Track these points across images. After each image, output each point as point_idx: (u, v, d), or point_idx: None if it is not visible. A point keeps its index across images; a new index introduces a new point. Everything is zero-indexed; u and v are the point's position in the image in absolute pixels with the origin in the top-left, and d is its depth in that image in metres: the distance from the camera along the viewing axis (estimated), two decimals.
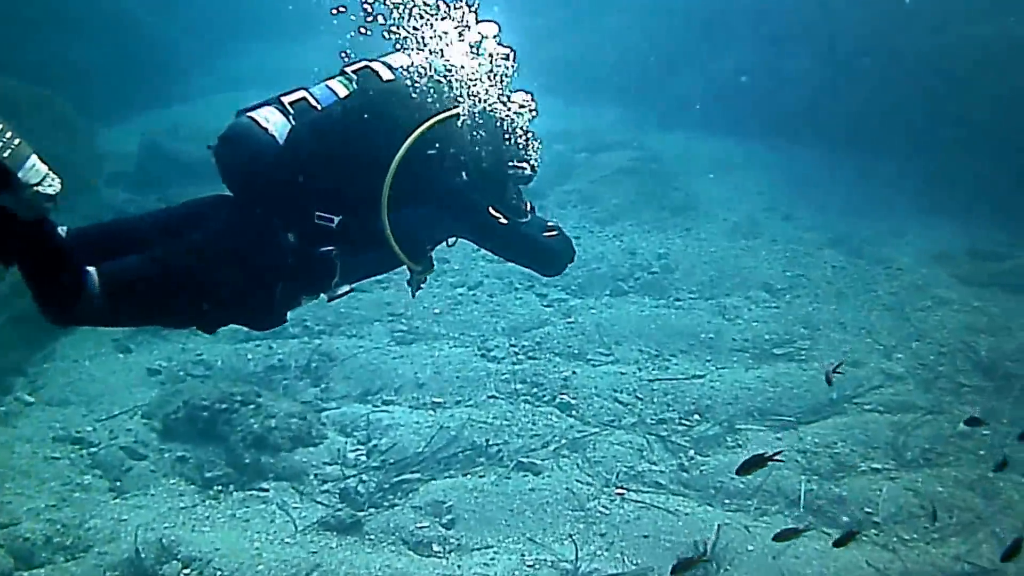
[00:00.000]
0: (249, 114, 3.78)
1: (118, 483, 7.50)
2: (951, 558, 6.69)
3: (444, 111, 3.87)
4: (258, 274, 3.70)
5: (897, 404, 8.72)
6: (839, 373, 4.99)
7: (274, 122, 3.74)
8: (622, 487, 7.45)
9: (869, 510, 7.20)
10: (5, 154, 2.86)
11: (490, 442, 7.93)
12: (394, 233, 3.78)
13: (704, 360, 9.60)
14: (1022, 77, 14.69)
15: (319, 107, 3.85)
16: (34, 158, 2.95)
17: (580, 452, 7.90)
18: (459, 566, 6.56)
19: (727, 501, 7.37)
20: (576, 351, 9.65)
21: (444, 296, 10.81)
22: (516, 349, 9.63)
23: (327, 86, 3.93)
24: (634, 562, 6.66)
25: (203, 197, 3.96)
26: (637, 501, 7.27)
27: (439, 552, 6.75)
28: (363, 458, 7.77)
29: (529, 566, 6.57)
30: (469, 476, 7.55)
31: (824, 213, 14.24)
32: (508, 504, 7.20)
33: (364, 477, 7.50)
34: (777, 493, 7.43)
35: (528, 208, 4.18)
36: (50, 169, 3.00)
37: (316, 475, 7.58)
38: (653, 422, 8.40)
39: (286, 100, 3.84)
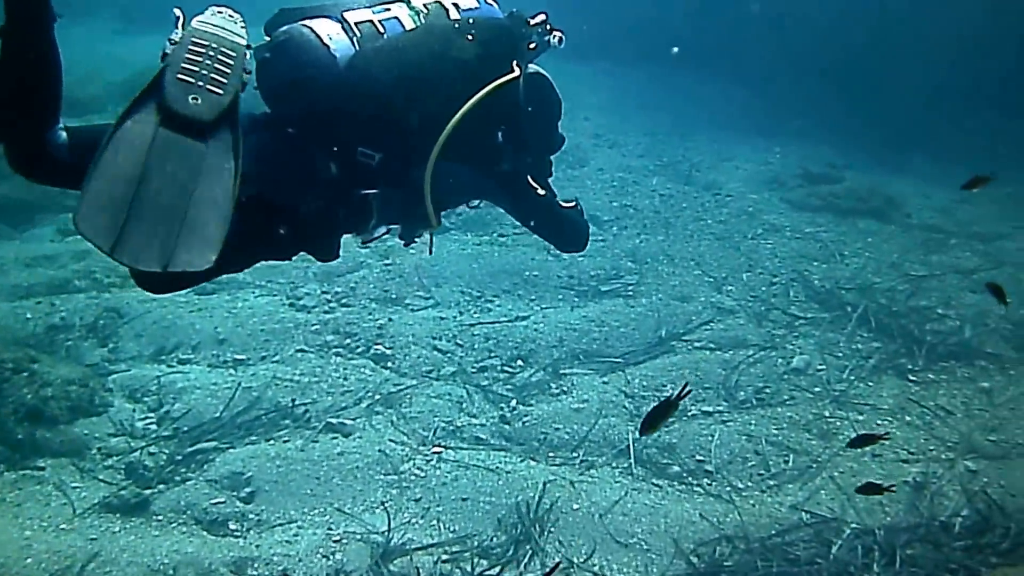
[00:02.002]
0: (309, 24, 3.50)
1: None
2: (789, 507, 6.36)
3: (508, 72, 3.71)
4: (319, 202, 3.53)
5: (728, 340, 8.39)
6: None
7: (338, 41, 3.47)
8: (439, 445, 6.90)
9: (701, 458, 6.82)
10: None
11: (296, 402, 7.24)
12: (432, 186, 3.60)
13: (528, 300, 9.10)
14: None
15: (385, 35, 3.58)
16: None
17: (395, 408, 7.30)
18: (257, 545, 5.90)
19: (552, 455, 6.89)
20: (393, 295, 9.02)
21: None
22: (328, 296, 8.92)
23: (395, 16, 3.65)
24: (452, 529, 6.12)
25: None
26: (455, 460, 6.73)
27: (236, 530, 6.07)
28: (153, 427, 6.97)
29: (336, 541, 5.96)
30: (272, 442, 6.87)
31: (653, 138, 13.92)
32: (314, 471, 6.56)
33: (153, 449, 6.74)
34: (604, 443, 6.99)
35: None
36: None
37: (99, 449, 6.76)
38: (474, 371, 7.86)
39: (351, 18, 3.56)
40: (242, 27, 3.01)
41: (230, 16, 3.07)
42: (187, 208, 2.78)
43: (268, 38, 3.59)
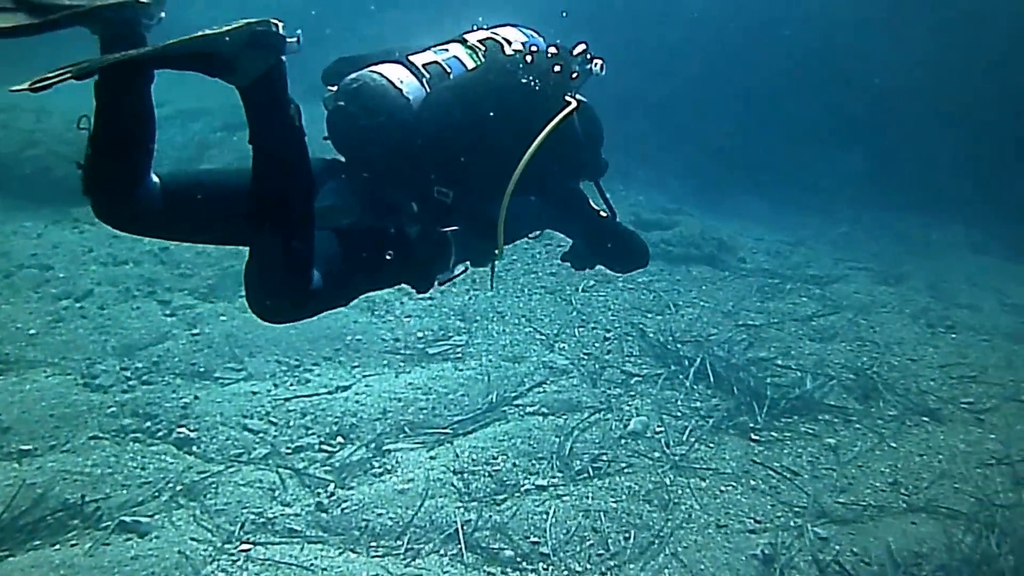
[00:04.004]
0: (378, 70, 3.54)
1: None
2: None
3: (563, 102, 3.74)
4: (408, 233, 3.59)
5: (562, 403, 7.94)
6: None
7: (409, 84, 3.52)
8: (247, 541, 6.21)
9: (536, 539, 6.29)
10: None
11: (87, 498, 6.45)
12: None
13: (350, 367, 8.49)
14: (656, 32, 14.72)
15: (451, 75, 3.64)
16: None
17: (199, 500, 6.58)
18: None
19: (374, 544, 6.26)
20: (202, 369, 8.30)
21: (43, 312, 9.11)
22: (128, 373, 8.13)
23: (454, 55, 3.73)
24: None
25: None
26: (265, 558, 6.05)
27: None
28: None
29: None
30: (57, 547, 6.06)
31: None
32: None
33: None
34: (431, 527, 6.40)
35: None
36: None
37: None
38: (288, 451, 7.20)
39: (417, 61, 3.62)
40: None
41: None
42: None
43: (331, 88, 3.60)
